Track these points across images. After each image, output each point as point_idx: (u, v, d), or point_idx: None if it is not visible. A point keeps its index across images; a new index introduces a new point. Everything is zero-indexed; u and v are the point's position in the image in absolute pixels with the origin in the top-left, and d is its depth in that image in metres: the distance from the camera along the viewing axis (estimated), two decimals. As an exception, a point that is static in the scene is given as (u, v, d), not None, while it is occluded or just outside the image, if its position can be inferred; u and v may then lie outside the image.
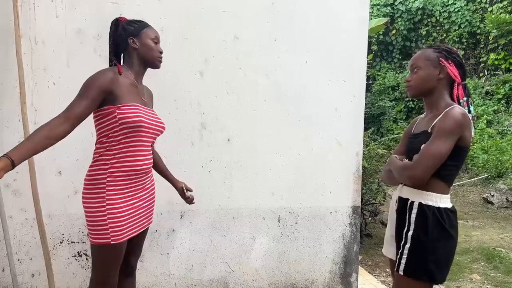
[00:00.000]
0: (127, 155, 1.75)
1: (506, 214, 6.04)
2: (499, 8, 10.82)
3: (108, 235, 1.70)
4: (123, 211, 1.74)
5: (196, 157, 2.74)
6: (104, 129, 1.74)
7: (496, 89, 9.95)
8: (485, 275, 3.81)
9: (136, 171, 1.79)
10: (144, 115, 1.77)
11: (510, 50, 10.44)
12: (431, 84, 1.74)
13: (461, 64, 1.75)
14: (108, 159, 1.73)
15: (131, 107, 1.72)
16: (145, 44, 1.84)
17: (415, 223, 1.68)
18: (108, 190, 1.71)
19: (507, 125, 8.87)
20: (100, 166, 1.74)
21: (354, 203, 2.99)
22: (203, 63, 2.71)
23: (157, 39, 1.89)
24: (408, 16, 11.85)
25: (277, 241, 2.91)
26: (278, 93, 2.83)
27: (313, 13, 2.83)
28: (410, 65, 1.81)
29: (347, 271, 3.02)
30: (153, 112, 1.89)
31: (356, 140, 2.96)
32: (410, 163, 1.67)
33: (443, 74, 1.72)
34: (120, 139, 1.73)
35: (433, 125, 1.68)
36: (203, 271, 2.82)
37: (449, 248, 1.68)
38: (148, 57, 1.86)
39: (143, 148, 1.81)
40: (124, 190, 1.76)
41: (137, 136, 1.76)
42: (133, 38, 1.84)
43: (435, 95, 1.75)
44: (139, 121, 1.73)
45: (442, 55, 1.73)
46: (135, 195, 1.81)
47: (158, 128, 1.88)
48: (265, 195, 2.86)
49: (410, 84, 1.80)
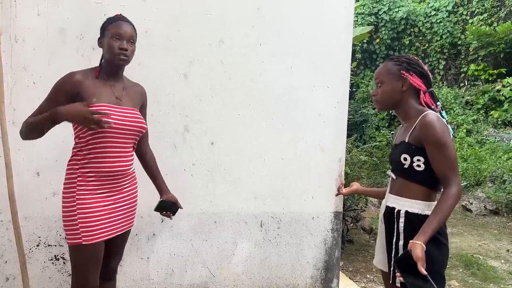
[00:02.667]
0: (97, 156, 1.74)
1: (484, 222, 6.15)
2: (480, 20, 11.10)
3: (79, 235, 1.71)
4: (94, 212, 1.73)
5: (178, 160, 2.71)
6: (75, 130, 1.78)
7: (475, 99, 10.17)
8: (463, 281, 3.87)
9: (109, 173, 1.77)
10: (111, 116, 1.71)
11: (490, 61, 10.70)
12: (397, 97, 1.77)
13: (423, 72, 1.78)
14: (79, 159, 1.75)
15: (97, 107, 1.69)
16: (106, 44, 1.78)
17: (404, 232, 1.68)
18: (79, 190, 1.72)
19: (486, 135, 9.07)
20: (71, 166, 1.77)
21: (336, 208, 3.00)
22: (187, 65, 2.69)
23: (119, 35, 1.77)
24: (391, 25, 12.05)
25: (259, 246, 2.90)
26: (262, 98, 2.83)
27: (299, 19, 2.85)
28: (374, 79, 1.85)
29: (328, 277, 3.02)
30: (130, 112, 1.83)
31: (339, 146, 2.98)
32: (445, 192, 1.61)
33: (406, 86, 1.76)
34: (87, 140, 1.73)
35: (410, 133, 1.70)
36: (183, 276, 2.78)
37: (442, 256, 1.67)
38: (107, 56, 1.79)
39: (116, 149, 1.78)
40: (96, 191, 1.75)
41: (105, 137, 1.73)
42: (100, 39, 1.82)
43: (404, 106, 1.78)
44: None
45: (402, 67, 1.77)
46: (109, 197, 1.79)
47: (133, 129, 1.82)
48: (247, 200, 2.85)
49: (376, 98, 1.83)
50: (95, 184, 1.75)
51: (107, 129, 1.70)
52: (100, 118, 1.61)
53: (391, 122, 11.12)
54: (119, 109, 1.78)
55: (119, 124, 1.75)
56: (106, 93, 1.78)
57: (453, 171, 1.61)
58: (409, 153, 1.69)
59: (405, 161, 1.70)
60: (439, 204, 1.60)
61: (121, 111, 1.79)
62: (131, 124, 1.81)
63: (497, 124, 9.48)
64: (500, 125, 9.46)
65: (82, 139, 1.74)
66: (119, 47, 1.76)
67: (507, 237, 5.38)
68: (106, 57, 1.80)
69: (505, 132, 9.05)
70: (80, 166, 1.74)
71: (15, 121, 2.42)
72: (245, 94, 2.80)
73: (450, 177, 1.61)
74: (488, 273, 4.08)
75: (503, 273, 4.13)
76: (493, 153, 8.08)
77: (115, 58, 1.78)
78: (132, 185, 1.94)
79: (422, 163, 1.67)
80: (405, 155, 1.70)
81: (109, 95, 1.79)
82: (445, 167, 1.61)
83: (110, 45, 1.76)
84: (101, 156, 1.75)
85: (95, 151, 1.74)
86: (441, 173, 1.63)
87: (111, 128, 1.71)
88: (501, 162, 7.44)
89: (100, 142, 1.74)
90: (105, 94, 1.77)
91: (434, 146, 1.62)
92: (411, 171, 1.69)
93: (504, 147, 8.17)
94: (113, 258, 1.96)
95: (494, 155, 7.96)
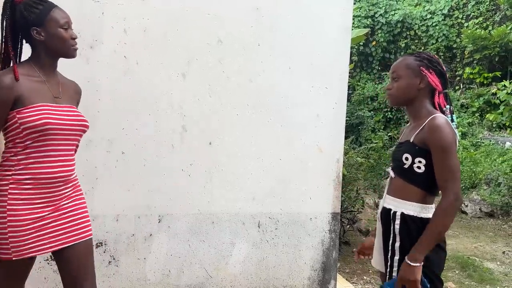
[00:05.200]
0: (35, 161, 1.56)
1: (480, 224, 6.18)
2: (475, 24, 11.16)
3: (9, 250, 1.52)
4: (28, 224, 1.54)
5: (176, 160, 2.69)
6: (9, 135, 1.57)
7: (470, 102, 10.23)
8: (460, 283, 3.87)
9: (49, 179, 1.59)
10: (52, 116, 1.56)
11: (485, 64, 10.76)
12: (412, 93, 1.72)
13: (442, 72, 1.74)
14: (12, 165, 1.55)
15: (35, 108, 1.53)
16: (54, 35, 1.58)
17: (400, 234, 1.67)
18: (10, 200, 1.52)
19: (480, 138, 9.11)
20: (2, 172, 1.56)
21: (334, 209, 3.00)
22: (185, 65, 2.68)
23: (67, 24, 1.61)
24: (388, 28, 12.10)
25: (256, 247, 2.88)
26: (260, 98, 2.82)
27: (298, 20, 2.84)
28: (391, 72, 1.78)
29: (325, 278, 3.02)
30: (70, 110, 1.66)
31: (336, 147, 2.98)
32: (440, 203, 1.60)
33: (424, 83, 1.70)
34: (26, 144, 1.55)
35: (416, 134, 1.67)
36: (180, 277, 2.76)
37: (439, 258, 1.67)
38: (59, 48, 1.61)
39: (58, 153, 1.61)
40: (31, 200, 1.56)
41: (47, 140, 1.57)
42: (36, 29, 1.57)
43: (416, 104, 1.73)
44: (44, 124, 1.53)
45: (423, 63, 1.71)
46: (47, 207, 1.60)
47: (76, 128, 1.66)
48: (245, 200, 2.84)
49: (390, 93, 1.77)
50: (31, 193, 1.55)
51: (48, 132, 1.54)
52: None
53: (386, 125, 11.16)
54: (58, 107, 1.61)
55: (62, 125, 1.59)
56: (43, 91, 1.59)
57: (452, 179, 1.58)
58: (411, 154, 1.67)
59: (406, 160, 1.68)
60: (433, 219, 1.61)
61: (63, 110, 1.62)
62: (73, 123, 1.64)
63: (492, 127, 9.53)
64: (495, 128, 9.51)
65: (19, 143, 1.55)
66: (72, 37, 1.63)
67: (502, 239, 5.40)
68: (56, 49, 1.61)
69: (500, 135, 9.10)
70: (13, 172, 1.54)
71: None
72: (243, 94, 2.79)
73: (447, 186, 1.59)
74: (484, 274, 4.09)
75: (499, 274, 4.14)
76: (488, 156, 8.11)
77: (69, 50, 1.63)
78: (75, 191, 1.73)
79: (423, 165, 1.64)
80: (407, 154, 1.67)
81: (47, 92, 1.60)
82: (444, 175, 1.59)
83: (64, 37, 1.59)
84: (40, 161, 1.56)
85: (33, 155, 1.56)
86: (440, 180, 1.61)
87: (51, 129, 1.55)
88: (496, 165, 7.48)
89: (41, 146, 1.56)
90: (42, 93, 1.58)
91: (438, 151, 1.60)
92: (410, 172, 1.68)
93: (499, 150, 8.21)
94: (83, 279, 1.69)
95: (489, 158, 8.00)
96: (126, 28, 2.55)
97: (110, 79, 2.55)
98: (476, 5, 11.39)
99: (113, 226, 2.62)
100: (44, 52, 1.61)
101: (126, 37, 2.55)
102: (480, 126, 9.61)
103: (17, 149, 1.56)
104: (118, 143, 2.58)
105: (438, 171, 1.61)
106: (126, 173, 2.60)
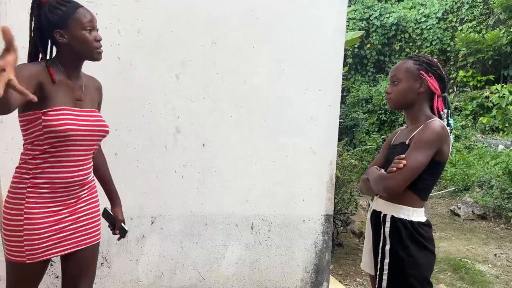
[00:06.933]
0: (53, 165, 1.54)
1: (472, 226, 6.21)
2: (469, 28, 11.26)
3: (23, 253, 1.51)
4: (43, 228, 1.53)
5: (169, 161, 2.69)
6: (29, 137, 1.54)
7: (464, 105, 10.30)
8: (452, 285, 3.89)
9: (65, 183, 1.58)
10: (74, 122, 1.53)
11: (478, 68, 10.85)
12: (412, 97, 1.72)
13: (441, 76, 1.74)
14: (30, 168, 1.53)
15: (58, 112, 1.49)
16: (77, 37, 1.53)
17: (390, 237, 1.68)
18: (28, 203, 1.52)
19: (474, 140, 9.18)
20: (20, 175, 1.55)
21: (327, 211, 3.01)
22: (179, 66, 2.67)
23: (91, 25, 1.55)
24: (382, 31, 12.16)
25: (249, 249, 2.88)
26: (254, 100, 2.82)
27: (292, 22, 2.85)
28: (391, 76, 1.78)
29: (318, 280, 3.02)
30: (91, 115, 1.63)
31: (330, 149, 2.98)
32: (386, 174, 1.66)
33: (423, 87, 1.70)
34: (45, 149, 1.52)
35: (411, 137, 1.68)
36: (172, 279, 2.76)
37: (428, 261, 1.67)
38: (83, 51, 1.57)
39: (76, 158, 1.58)
40: (47, 204, 1.55)
41: (66, 146, 1.54)
42: (59, 31, 1.52)
43: (416, 108, 1.74)
44: (66, 130, 1.50)
45: (422, 67, 1.71)
46: (63, 210, 1.59)
47: (96, 134, 1.63)
48: (238, 202, 2.84)
49: (390, 96, 1.77)
50: (48, 197, 1.54)
51: (68, 138, 1.52)
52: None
53: (380, 127, 11.21)
54: (80, 112, 1.58)
55: (83, 130, 1.56)
56: (66, 93, 1.56)
57: (403, 170, 1.59)
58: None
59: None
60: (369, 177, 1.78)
61: (83, 115, 1.59)
62: (94, 129, 1.61)
63: (485, 130, 9.61)
64: (488, 131, 9.59)
65: (38, 147, 1.52)
66: (97, 39, 1.58)
67: (495, 242, 5.44)
68: (80, 52, 1.57)
69: (493, 138, 9.18)
70: (31, 175, 1.53)
71: (2, 120, 2.38)
72: (237, 96, 2.79)
73: (397, 171, 1.61)
74: (476, 277, 4.11)
75: (491, 277, 4.17)
76: (481, 159, 8.17)
77: (93, 53, 1.59)
78: (91, 194, 1.72)
79: None
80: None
81: (69, 94, 1.57)
82: (407, 162, 1.60)
83: (88, 39, 1.55)
84: (58, 166, 1.54)
85: (52, 159, 1.53)
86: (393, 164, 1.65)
87: (72, 136, 1.52)
88: (488, 167, 7.53)
89: (59, 151, 1.54)
90: (65, 94, 1.55)
91: (416, 142, 1.62)
92: None
93: (492, 152, 8.27)
94: (83, 280, 1.71)
95: (482, 161, 8.05)
96: (120, 29, 2.54)
97: (103, 80, 2.54)
98: (470, 9, 11.48)
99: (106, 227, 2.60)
100: (68, 54, 1.57)
101: (120, 38, 2.54)
102: (473, 129, 9.68)
103: (35, 152, 1.53)
104: (111, 144, 2.56)
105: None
106: (119, 175, 2.58)
